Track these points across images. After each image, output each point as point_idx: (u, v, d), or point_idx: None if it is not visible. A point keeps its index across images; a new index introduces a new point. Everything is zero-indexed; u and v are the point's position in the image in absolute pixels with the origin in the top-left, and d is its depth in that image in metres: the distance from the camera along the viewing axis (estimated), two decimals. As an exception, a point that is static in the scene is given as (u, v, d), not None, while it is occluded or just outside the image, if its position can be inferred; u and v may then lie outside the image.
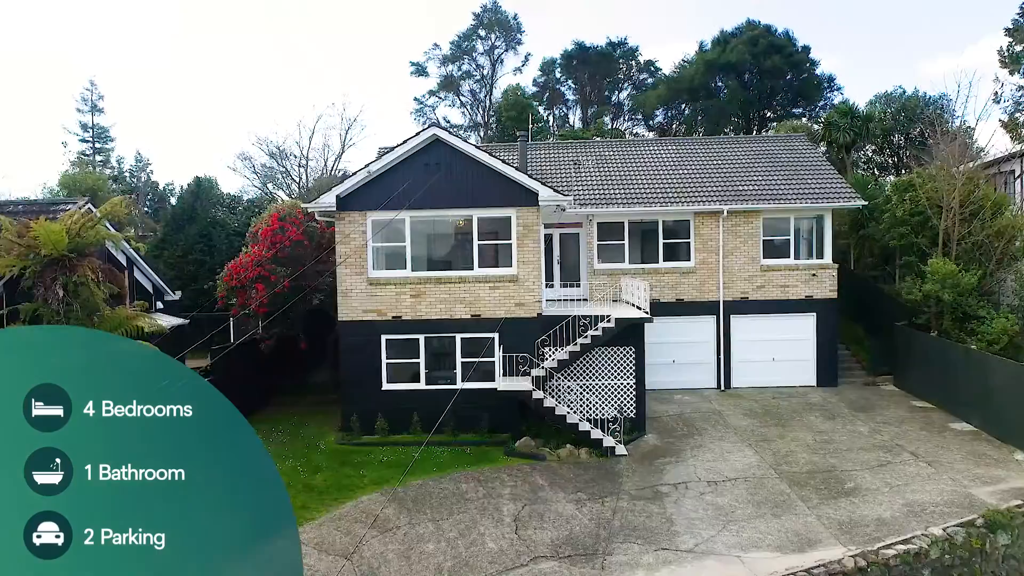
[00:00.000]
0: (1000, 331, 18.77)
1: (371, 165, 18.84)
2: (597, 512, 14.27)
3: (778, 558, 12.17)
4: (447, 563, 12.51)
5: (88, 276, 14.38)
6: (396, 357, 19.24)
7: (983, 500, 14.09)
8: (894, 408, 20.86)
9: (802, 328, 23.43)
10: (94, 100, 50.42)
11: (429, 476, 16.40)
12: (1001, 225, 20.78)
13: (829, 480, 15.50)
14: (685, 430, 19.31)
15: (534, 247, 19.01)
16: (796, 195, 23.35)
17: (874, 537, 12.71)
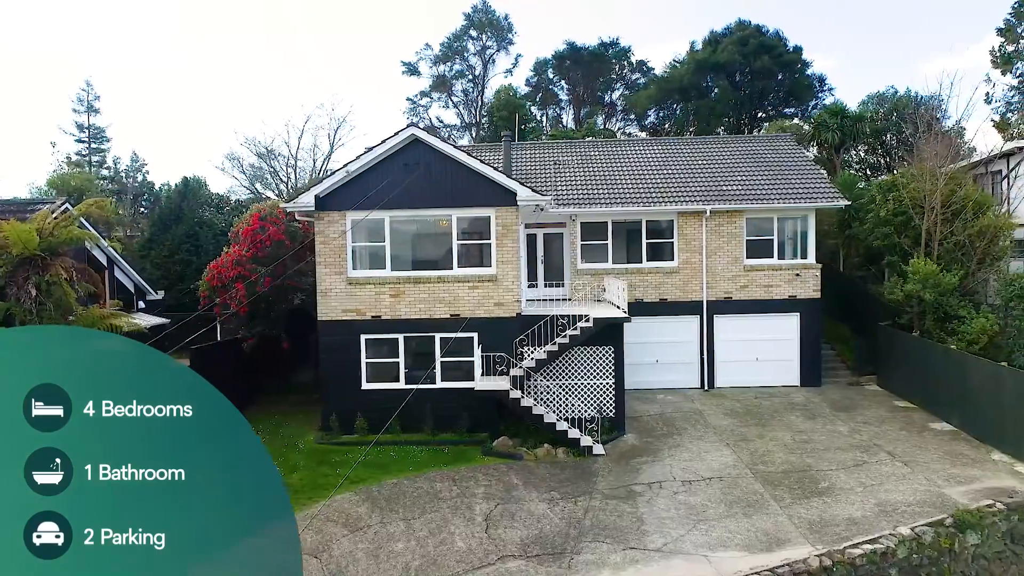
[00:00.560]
0: (979, 331, 18.73)
1: (350, 165, 18.85)
2: (569, 511, 14.27)
3: (745, 557, 12.17)
4: (415, 562, 12.51)
5: (61, 275, 14.41)
6: (376, 357, 19.25)
7: (955, 500, 14.07)
8: (876, 408, 20.84)
9: (785, 328, 23.41)
10: (90, 100, 50.52)
11: (405, 475, 16.41)
12: (983, 225, 20.74)
13: (804, 480, 15.49)
14: (665, 430, 19.30)
15: (513, 247, 19.01)
16: (779, 195, 23.33)
17: (843, 537, 12.70)
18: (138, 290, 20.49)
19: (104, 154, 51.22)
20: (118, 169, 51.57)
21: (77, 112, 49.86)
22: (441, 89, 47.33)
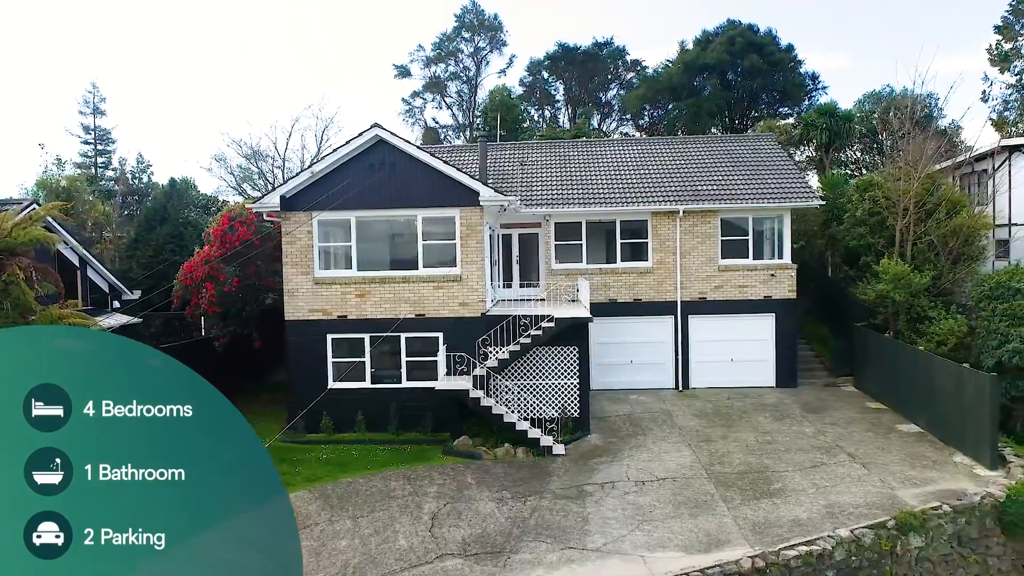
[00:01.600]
0: (948, 332, 18.56)
1: (314, 166, 19.01)
2: (516, 511, 14.30)
3: (681, 558, 12.14)
4: (355, 560, 12.60)
5: (18, 275, 14.62)
6: (342, 356, 19.37)
7: (906, 502, 13.93)
8: (847, 409, 20.68)
9: (760, 328, 23.28)
10: (96, 102, 51.03)
11: (362, 474, 16.51)
12: (955, 224, 20.53)
13: (758, 481, 15.41)
14: (630, 430, 19.27)
15: (478, 247, 19.06)
16: (753, 195, 23.22)
17: (784, 538, 12.63)
18: (113, 290, 20.75)
19: (110, 155, 51.77)
20: (124, 170, 52.10)
21: (83, 114, 50.41)
22: (434, 90, 47.47)
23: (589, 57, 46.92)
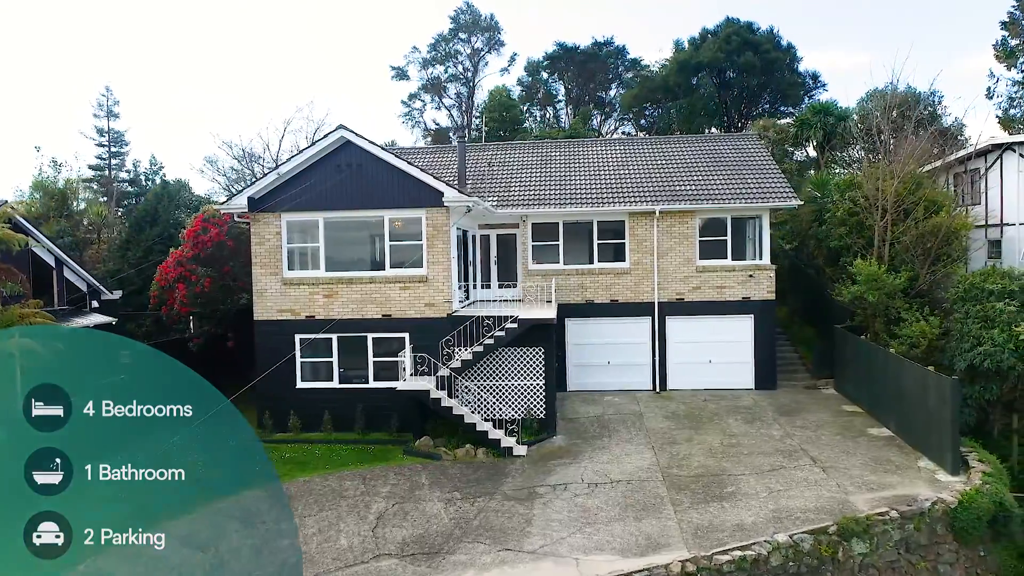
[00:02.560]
0: (919, 334, 18.22)
1: (282, 167, 19.15)
2: (463, 512, 14.29)
3: (614, 561, 12.04)
4: (292, 559, 12.64)
5: (-22, 275, 14.92)
6: (310, 356, 19.49)
7: (857, 507, 13.70)
8: (821, 412, 20.37)
9: (739, 330, 23.00)
10: (109, 105, 51.90)
11: (319, 473, 16.61)
12: (933, 224, 20.14)
13: (711, 484, 15.24)
14: (597, 432, 19.16)
15: (444, 248, 19.07)
16: (731, 195, 22.96)
17: (723, 543, 12.48)
18: (92, 290, 21.09)
19: (124, 158, 52.61)
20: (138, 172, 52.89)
21: (97, 117, 51.29)
22: (432, 92, 47.58)
23: (589, 57, 46.74)
